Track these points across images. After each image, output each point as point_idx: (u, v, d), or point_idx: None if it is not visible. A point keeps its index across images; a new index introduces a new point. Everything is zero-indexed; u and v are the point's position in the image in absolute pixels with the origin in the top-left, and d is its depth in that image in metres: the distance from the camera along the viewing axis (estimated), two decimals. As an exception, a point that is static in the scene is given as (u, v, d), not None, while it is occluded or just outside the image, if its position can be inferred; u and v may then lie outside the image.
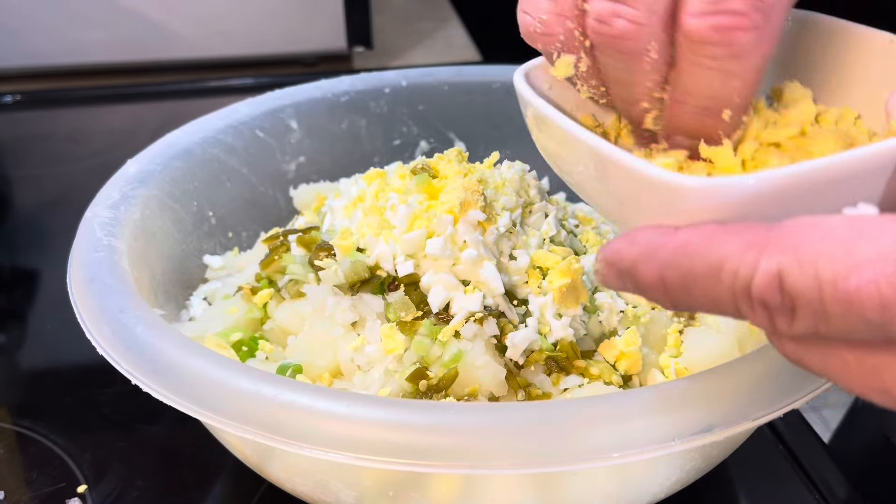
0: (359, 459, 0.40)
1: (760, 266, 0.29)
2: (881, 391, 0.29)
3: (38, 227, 0.92)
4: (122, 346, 0.46)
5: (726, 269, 0.29)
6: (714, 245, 0.30)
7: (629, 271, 0.33)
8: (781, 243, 0.28)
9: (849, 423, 1.01)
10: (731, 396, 0.41)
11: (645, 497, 0.49)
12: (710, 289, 0.30)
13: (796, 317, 0.29)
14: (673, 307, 0.33)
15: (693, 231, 0.31)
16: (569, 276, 0.54)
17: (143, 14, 1.18)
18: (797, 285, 0.28)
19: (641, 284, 0.33)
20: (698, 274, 0.30)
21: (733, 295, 0.30)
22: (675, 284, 0.31)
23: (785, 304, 0.28)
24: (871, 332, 0.28)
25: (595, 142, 0.37)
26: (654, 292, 0.32)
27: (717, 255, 0.30)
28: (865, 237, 0.27)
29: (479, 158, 0.64)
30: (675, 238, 0.31)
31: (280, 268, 0.61)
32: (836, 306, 0.27)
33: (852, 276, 0.27)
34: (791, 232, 0.29)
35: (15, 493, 0.58)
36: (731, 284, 0.29)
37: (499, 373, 0.51)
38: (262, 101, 0.75)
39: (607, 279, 0.34)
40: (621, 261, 0.33)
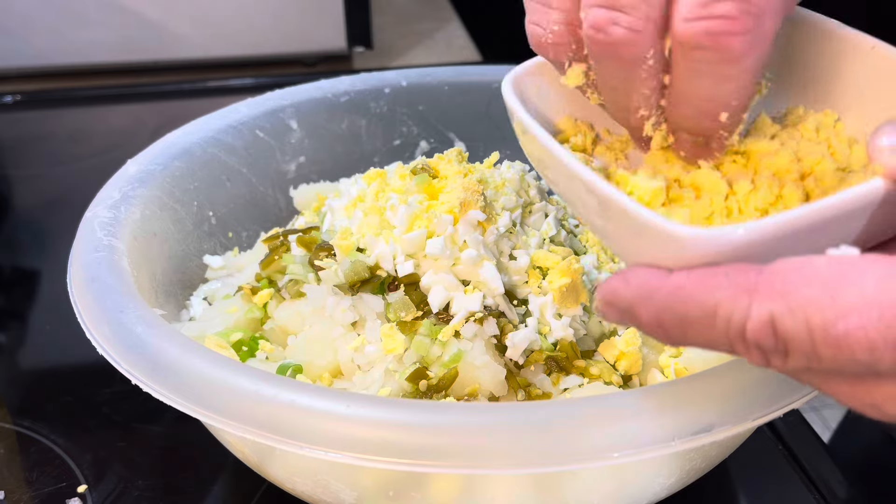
0: (359, 459, 0.40)
1: (752, 313, 0.30)
2: (871, 406, 0.31)
3: (39, 227, 0.92)
4: (123, 346, 0.46)
5: (720, 315, 0.31)
6: (707, 290, 0.31)
7: (628, 311, 0.34)
8: (770, 289, 0.30)
9: (849, 423, 1.01)
10: (731, 396, 0.41)
11: (645, 497, 0.49)
12: (706, 332, 0.32)
13: (790, 357, 0.30)
14: (672, 344, 0.34)
15: (687, 276, 0.32)
16: (569, 276, 0.54)
17: (143, 14, 1.18)
18: (789, 331, 0.29)
19: (640, 325, 0.34)
20: (693, 318, 0.32)
21: (728, 338, 0.31)
22: (672, 327, 0.33)
23: (779, 348, 0.30)
24: (861, 369, 0.29)
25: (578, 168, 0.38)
26: (652, 331, 0.34)
27: (710, 301, 0.31)
28: (849, 281, 0.29)
29: (479, 158, 0.64)
30: (670, 282, 0.33)
31: (280, 268, 0.61)
32: (827, 350, 0.29)
33: (840, 322, 0.28)
34: (779, 276, 0.30)
35: (15, 492, 0.58)
36: (725, 329, 0.31)
37: (499, 373, 0.51)
38: (262, 101, 0.75)
39: (608, 317, 0.36)
40: (619, 301, 0.34)
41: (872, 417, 0.32)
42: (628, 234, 0.36)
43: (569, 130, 0.45)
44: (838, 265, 0.30)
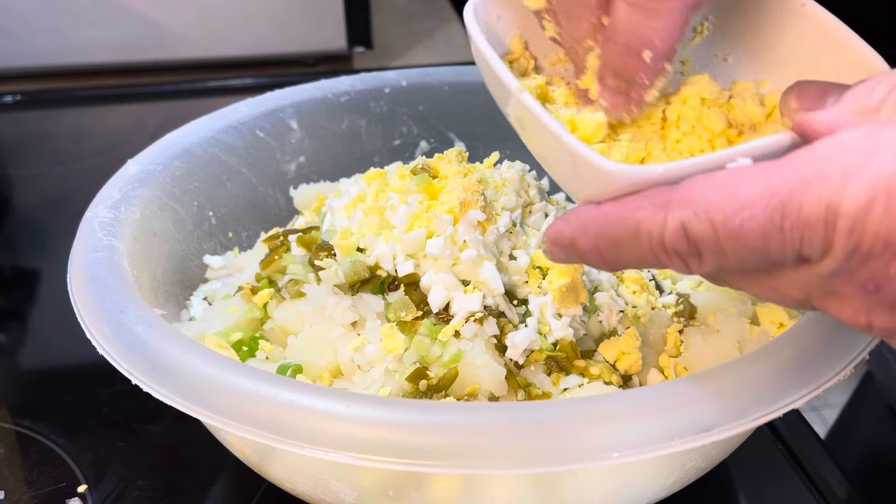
0: (359, 459, 0.40)
1: (668, 223, 0.35)
2: (773, 290, 0.36)
3: (39, 227, 0.92)
4: (123, 346, 0.46)
5: (642, 231, 0.36)
6: (630, 211, 0.36)
7: (570, 246, 0.39)
8: (681, 201, 0.34)
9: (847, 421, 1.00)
10: (731, 396, 0.41)
11: (645, 497, 0.49)
12: (634, 249, 0.36)
13: (703, 259, 0.35)
14: (610, 269, 0.39)
15: (613, 204, 0.37)
16: (569, 276, 0.54)
17: (143, 14, 1.18)
18: (698, 232, 0.34)
19: (581, 255, 0.38)
20: (622, 239, 0.37)
21: (652, 251, 0.36)
22: (607, 251, 0.37)
23: (692, 250, 0.35)
24: (758, 258, 0.34)
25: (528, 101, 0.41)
26: (592, 259, 0.38)
27: (633, 220, 0.36)
28: (743, 182, 0.33)
29: (479, 158, 0.64)
30: (600, 211, 0.37)
31: (280, 268, 0.61)
32: (728, 243, 0.34)
33: (736, 216, 0.33)
34: (687, 190, 0.35)
35: (15, 492, 0.58)
36: (648, 243, 0.36)
37: (499, 373, 0.51)
38: (262, 101, 0.75)
39: (554, 255, 0.40)
40: (562, 238, 0.39)
41: (780, 304, 0.37)
42: (565, 166, 0.40)
43: (517, 52, 0.49)
44: (735, 172, 0.34)
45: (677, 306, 0.59)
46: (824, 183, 0.31)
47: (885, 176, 0.30)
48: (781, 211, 0.32)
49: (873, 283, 0.32)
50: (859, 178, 0.31)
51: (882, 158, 0.30)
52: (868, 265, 0.32)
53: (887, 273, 0.32)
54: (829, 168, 0.31)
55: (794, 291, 0.35)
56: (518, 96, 0.41)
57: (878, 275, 0.32)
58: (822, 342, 0.44)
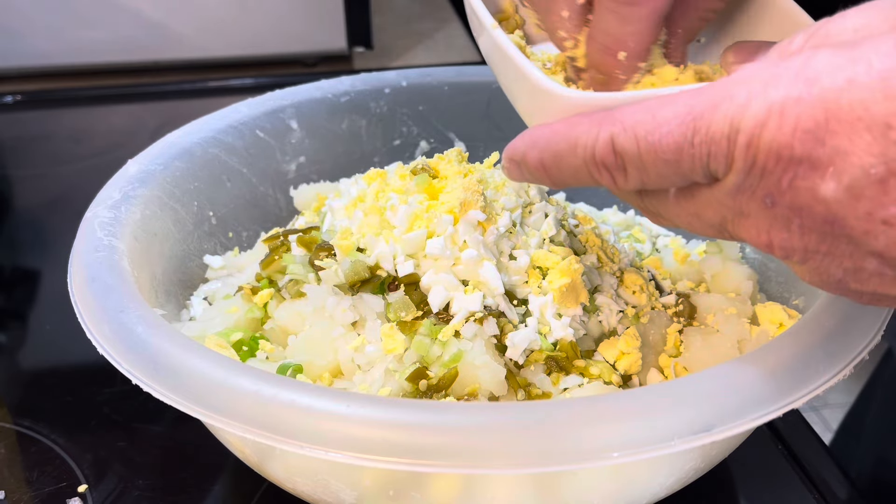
0: (359, 459, 0.40)
1: (600, 136, 0.38)
2: (694, 215, 0.39)
3: (39, 227, 0.92)
4: (123, 346, 0.46)
5: (579, 144, 0.39)
6: (572, 127, 0.39)
7: (522, 161, 0.42)
8: (613, 117, 0.38)
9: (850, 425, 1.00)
10: (731, 396, 0.41)
11: (645, 497, 0.49)
12: (572, 161, 0.39)
13: (627, 173, 0.38)
14: (554, 185, 0.42)
15: (560, 122, 0.40)
16: (569, 276, 0.55)
17: (144, 14, 1.18)
18: (623, 145, 0.37)
19: (530, 169, 0.42)
20: (563, 152, 0.40)
21: (585, 163, 0.39)
22: (550, 164, 0.41)
23: (618, 163, 0.38)
24: (674, 173, 0.37)
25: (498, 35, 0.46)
26: (539, 174, 0.41)
27: (573, 134, 0.39)
28: (666, 104, 0.36)
29: (479, 158, 0.64)
30: (549, 128, 0.41)
31: (280, 268, 0.61)
32: (648, 156, 0.37)
33: (656, 131, 0.36)
34: (620, 110, 0.38)
35: (15, 492, 0.58)
36: (582, 156, 0.39)
37: (499, 373, 0.51)
38: (262, 101, 0.75)
39: (510, 172, 0.43)
40: (516, 153, 0.42)
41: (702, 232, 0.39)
42: (525, 94, 0.44)
43: (508, 13, 0.54)
44: (662, 97, 0.37)
45: (677, 306, 0.59)
46: (731, 103, 0.34)
47: (780, 98, 0.33)
48: (693, 127, 0.35)
49: (770, 197, 0.35)
50: (759, 99, 0.34)
51: (780, 83, 0.33)
52: (764, 180, 0.34)
53: (780, 187, 0.34)
54: (736, 91, 0.34)
55: (711, 214, 0.38)
56: (491, 32, 0.46)
57: (773, 189, 0.34)
58: (822, 342, 0.44)
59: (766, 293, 0.64)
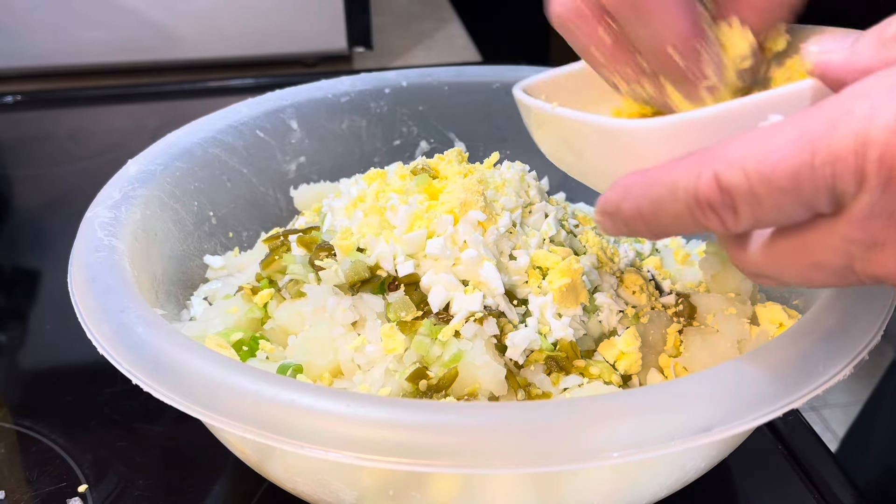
0: (359, 459, 0.40)
1: (702, 175, 0.35)
2: (815, 266, 0.35)
3: (39, 227, 0.92)
4: (123, 346, 0.46)
5: (679, 188, 0.36)
6: (668, 171, 0.36)
7: (616, 213, 0.39)
8: (714, 155, 0.35)
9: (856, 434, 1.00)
10: (731, 396, 0.41)
11: (645, 497, 0.49)
12: (673, 207, 0.36)
13: (738, 212, 0.35)
14: (654, 236, 0.39)
15: (655, 167, 0.37)
16: (569, 276, 0.55)
17: (144, 14, 1.18)
18: (731, 181, 0.34)
19: (626, 220, 0.39)
20: (662, 198, 0.37)
21: (688, 207, 0.36)
22: (648, 212, 0.38)
23: (726, 202, 0.35)
24: (792, 202, 0.33)
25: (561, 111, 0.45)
26: (636, 225, 0.39)
27: (671, 179, 0.36)
28: (773, 133, 0.34)
29: (479, 158, 0.64)
30: (642, 175, 0.38)
31: (280, 268, 0.61)
32: (761, 188, 0.33)
33: (767, 159, 0.33)
34: (720, 147, 0.35)
35: (16, 492, 0.58)
36: (684, 199, 0.36)
37: (499, 373, 0.51)
38: (262, 101, 0.75)
39: (605, 226, 0.41)
40: (608, 205, 0.39)
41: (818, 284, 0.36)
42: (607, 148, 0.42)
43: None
44: (766, 128, 0.34)
45: (677, 306, 0.59)
46: (851, 118, 0.31)
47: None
48: (811, 149, 0.32)
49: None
50: (885, 108, 0.31)
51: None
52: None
53: None
54: (855, 105, 0.32)
55: (833, 257, 0.34)
56: (552, 112, 0.45)
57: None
58: (822, 342, 0.44)
59: (766, 293, 0.64)
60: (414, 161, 0.61)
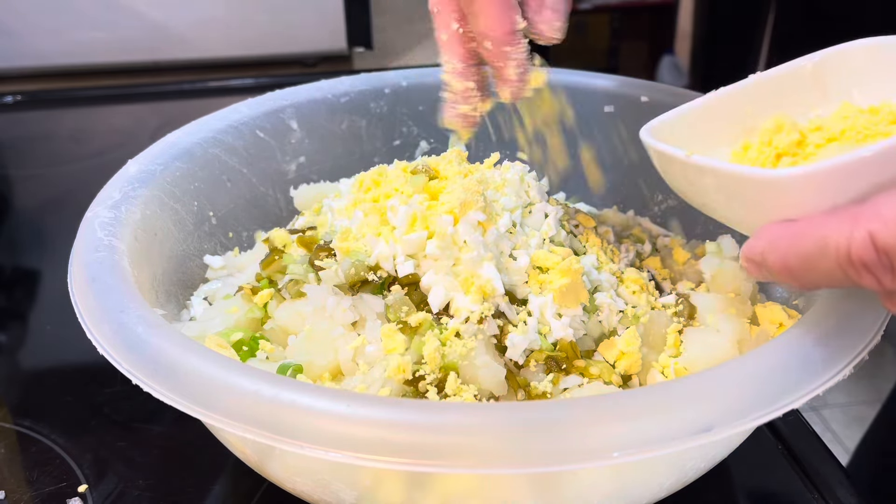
0: (359, 459, 0.40)
1: (854, 235, 0.35)
2: None
3: (39, 227, 0.92)
4: (123, 346, 0.46)
5: (830, 245, 0.35)
6: (818, 226, 0.36)
7: (762, 263, 0.39)
8: (867, 213, 0.34)
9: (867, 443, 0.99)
10: (731, 396, 0.41)
11: (645, 497, 0.49)
12: (822, 263, 0.36)
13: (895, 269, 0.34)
14: (803, 287, 0.39)
15: (803, 220, 0.37)
16: (569, 276, 0.54)
17: (144, 14, 1.18)
18: (887, 240, 0.34)
19: (772, 271, 0.39)
20: (810, 253, 0.36)
21: (839, 265, 0.35)
22: (797, 267, 0.38)
23: (882, 262, 0.34)
24: None
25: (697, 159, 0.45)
26: (783, 276, 0.39)
27: (821, 234, 0.36)
28: None
29: (479, 158, 0.64)
30: (790, 227, 0.38)
31: (280, 268, 0.61)
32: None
33: None
34: (874, 203, 0.35)
35: (16, 492, 0.58)
36: (836, 256, 0.35)
37: (499, 373, 0.51)
38: (262, 101, 0.75)
39: (750, 272, 0.41)
40: (754, 254, 0.40)
41: None
42: (752, 198, 0.42)
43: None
44: None
45: (677, 306, 0.59)
46: None
47: None
48: None
49: None
50: None
51: None
52: None
53: None
54: None
55: None
56: (688, 160, 0.46)
57: None
58: (822, 342, 0.44)
59: (766, 293, 0.64)
60: (414, 161, 0.61)
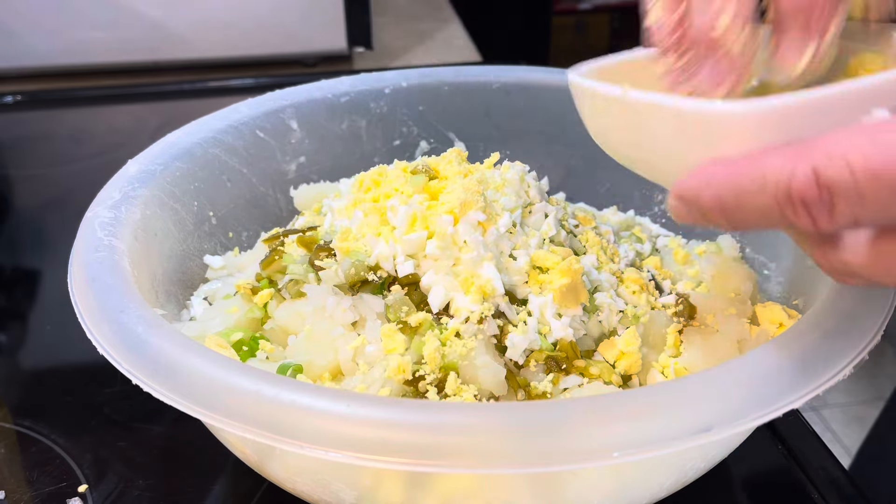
0: (359, 459, 0.40)
1: (797, 170, 0.32)
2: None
3: (39, 227, 0.92)
4: (123, 346, 0.46)
5: (769, 180, 0.34)
6: (758, 162, 0.34)
7: (694, 200, 0.37)
8: (812, 148, 0.32)
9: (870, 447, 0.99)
10: (731, 396, 0.41)
11: (645, 497, 0.49)
12: (758, 199, 0.34)
13: (835, 208, 0.32)
14: (733, 227, 0.37)
15: (742, 157, 0.35)
16: (569, 276, 0.55)
17: (144, 14, 1.18)
18: (831, 177, 0.31)
19: (705, 209, 0.37)
20: (747, 189, 0.34)
21: (777, 202, 0.34)
22: (731, 204, 0.35)
23: (823, 198, 0.32)
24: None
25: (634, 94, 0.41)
26: (715, 215, 0.36)
27: (760, 170, 0.34)
28: (884, 128, 0.31)
29: (479, 158, 0.64)
30: (727, 163, 0.36)
31: (280, 268, 0.61)
32: (868, 185, 0.31)
33: (879, 154, 0.30)
34: (820, 139, 0.32)
35: (16, 492, 0.58)
36: (774, 193, 0.33)
37: (499, 373, 0.51)
38: (262, 101, 0.75)
39: (678, 212, 0.38)
40: (688, 191, 0.37)
41: None
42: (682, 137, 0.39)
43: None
44: (873, 123, 0.32)
45: (677, 306, 0.59)
46: None
47: None
48: None
49: None
50: None
51: None
52: None
53: None
54: None
55: None
56: (626, 97, 0.42)
57: None
58: (822, 342, 0.44)
59: (765, 293, 0.64)
60: (415, 161, 0.61)
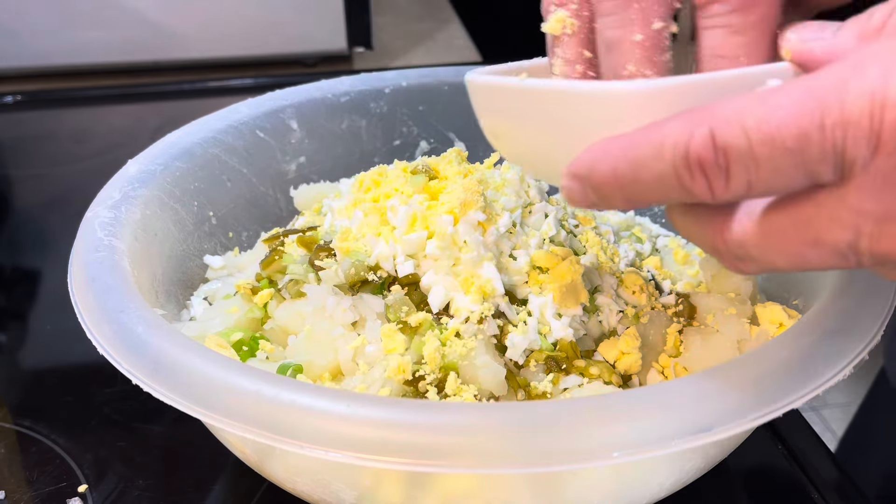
0: (359, 459, 0.40)
1: (695, 133, 0.32)
2: (813, 243, 0.32)
3: (39, 227, 0.92)
4: (123, 346, 0.46)
5: (666, 145, 0.33)
6: (654, 130, 0.33)
7: (588, 176, 0.35)
8: (709, 111, 0.32)
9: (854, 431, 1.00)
10: (731, 396, 0.41)
11: (645, 497, 0.49)
12: (655, 167, 0.33)
13: (731, 175, 0.32)
14: (630, 204, 0.35)
15: (641, 128, 0.34)
16: (569, 276, 0.55)
17: (144, 14, 1.18)
18: (727, 138, 0.31)
19: (598, 185, 0.35)
20: (644, 157, 0.33)
21: (674, 168, 0.33)
22: (627, 174, 0.34)
23: (719, 162, 0.32)
24: (794, 165, 0.31)
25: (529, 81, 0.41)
26: (609, 190, 0.35)
27: (657, 136, 0.33)
28: (776, 92, 0.31)
29: (479, 158, 0.64)
30: (625, 135, 0.34)
31: (280, 268, 0.61)
32: (762, 148, 0.31)
33: (772, 117, 0.30)
34: (717, 104, 0.32)
35: (16, 492, 0.58)
36: (671, 158, 0.32)
37: (499, 373, 0.51)
38: (262, 101, 0.75)
39: (571, 194, 0.37)
40: (580, 167, 0.35)
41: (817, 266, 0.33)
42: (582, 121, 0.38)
43: None
44: (769, 89, 0.32)
45: (677, 306, 0.59)
46: (864, 77, 0.29)
47: None
48: (821, 109, 0.30)
49: None
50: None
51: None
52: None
53: None
54: (866, 68, 0.29)
55: (838, 232, 0.31)
56: (523, 85, 0.41)
57: None
58: (822, 342, 0.44)
59: (766, 293, 0.64)
60: (415, 161, 0.61)
